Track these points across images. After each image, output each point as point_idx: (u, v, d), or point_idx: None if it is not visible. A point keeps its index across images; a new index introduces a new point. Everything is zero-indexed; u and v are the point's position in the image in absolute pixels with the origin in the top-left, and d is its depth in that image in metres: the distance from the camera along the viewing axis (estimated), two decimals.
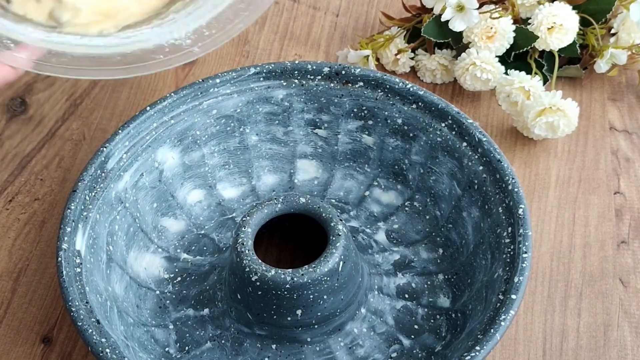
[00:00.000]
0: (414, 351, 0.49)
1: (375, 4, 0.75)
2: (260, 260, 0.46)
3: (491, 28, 0.63)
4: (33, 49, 0.45)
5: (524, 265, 0.45)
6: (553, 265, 0.55)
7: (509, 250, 0.47)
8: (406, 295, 0.51)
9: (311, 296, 0.45)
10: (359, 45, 0.68)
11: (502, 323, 0.43)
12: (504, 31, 0.63)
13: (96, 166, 0.51)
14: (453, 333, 0.49)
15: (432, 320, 0.50)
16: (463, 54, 0.64)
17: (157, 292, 0.52)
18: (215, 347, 0.49)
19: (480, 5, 0.64)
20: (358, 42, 0.69)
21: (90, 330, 0.43)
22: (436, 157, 0.55)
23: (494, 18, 0.63)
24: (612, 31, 0.66)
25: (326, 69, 0.56)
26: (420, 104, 0.55)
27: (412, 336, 0.50)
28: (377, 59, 0.69)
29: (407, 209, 0.56)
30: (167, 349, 0.49)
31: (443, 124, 0.54)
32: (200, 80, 0.56)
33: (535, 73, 0.64)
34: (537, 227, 0.57)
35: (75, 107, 0.68)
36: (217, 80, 0.56)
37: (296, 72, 0.56)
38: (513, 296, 0.44)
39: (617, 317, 0.52)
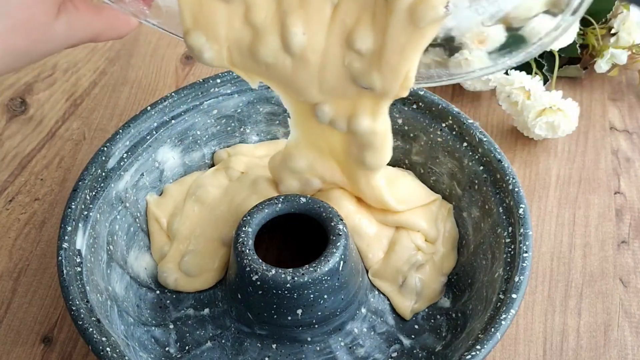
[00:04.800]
0: (414, 351, 0.49)
1: None
2: (260, 260, 0.46)
3: (482, 32, 0.63)
4: None
5: (524, 264, 0.45)
6: (553, 265, 0.55)
7: (510, 250, 0.47)
8: None
9: (312, 296, 0.45)
10: None
11: (503, 322, 0.43)
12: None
13: (97, 166, 0.51)
14: (453, 333, 0.49)
15: (432, 320, 0.50)
16: (456, 54, 0.64)
17: (157, 292, 0.52)
18: (215, 347, 0.49)
19: None
20: None
21: (91, 330, 0.43)
22: (436, 157, 0.55)
23: None
24: (612, 31, 0.66)
25: None
26: (420, 104, 0.55)
27: (413, 336, 0.50)
28: None
29: None
30: (167, 349, 0.49)
31: (443, 124, 0.54)
32: (201, 80, 0.56)
33: (536, 73, 0.64)
34: (537, 227, 0.57)
35: (76, 107, 0.68)
36: (218, 80, 0.56)
37: None
38: (514, 295, 0.44)
39: (618, 317, 0.52)
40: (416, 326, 0.50)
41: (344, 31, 0.41)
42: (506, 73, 0.63)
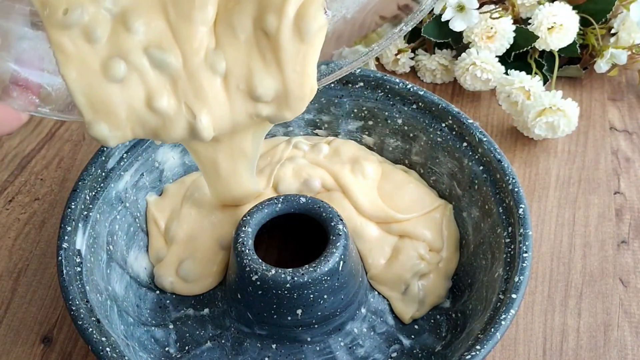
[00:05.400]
0: (414, 351, 0.49)
1: None
2: (260, 260, 0.46)
3: (491, 28, 0.63)
4: (34, 87, 0.42)
5: (524, 264, 0.45)
6: (553, 265, 0.55)
7: (509, 250, 0.47)
8: None
9: (311, 296, 0.45)
10: (353, 44, 0.68)
11: (503, 322, 0.43)
12: (504, 31, 0.63)
13: (96, 166, 0.51)
14: (453, 333, 0.49)
15: (432, 320, 0.50)
16: (463, 54, 0.64)
17: (157, 292, 0.52)
18: (215, 347, 0.49)
19: (481, 5, 0.64)
20: (353, 41, 0.69)
21: (91, 329, 0.43)
22: (436, 157, 0.55)
23: (494, 18, 0.63)
24: (612, 31, 0.66)
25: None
26: (420, 104, 0.55)
27: (412, 336, 0.50)
28: (377, 59, 0.69)
29: None
30: (167, 349, 0.49)
31: (443, 124, 0.54)
32: None
33: (535, 73, 0.64)
34: (537, 227, 0.57)
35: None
36: None
37: None
38: (513, 295, 0.44)
39: (617, 317, 0.52)
40: (416, 326, 0.50)
41: (245, 94, 0.41)
42: (506, 73, 0.63)
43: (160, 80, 0.40)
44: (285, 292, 0.45)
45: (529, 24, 0.64)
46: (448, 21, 0.63)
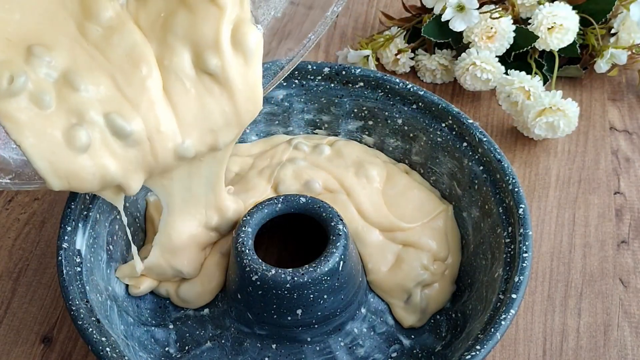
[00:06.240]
0: (414, 351, 0.49)
1: (375, 3, 0.75)
2: (260, 260, 0.46)
3: (491, 28, 0.63)
4: None
5: (524, 265, 0.45)
6: (553, 265, 0.55)
7: (509, 250, 0.47)
8: None
9: (311, 296, 0.45)
10: (358, 45, 0.68)
11: (503, 322, 0.43)
12: (504, 31, 0.63)
13: None
14: (453, 333, 0.49)
15: (432, 320, 0.50)
16: (463, 54, 0.64)
17: None
18: (215, 347, 0.49)
19: (481, 5, 0.64)
20: (358, 42, 0.69)
21: (91, 329, 0.43)
22: (436, 157, 0.55)
23: (494, 18, 0.63)
24: (612, 31, 0.66)
25: (326, 69, 0.56)
26: (420, 104, 0.55)
27: (412, 336, 0.50)
28: (377, 59, 0.69)
29: None
30: (167, 349, 0.49)
31: (443, 124, 0.54)
32: None
33: (535, 73, 0.64)
34: (537, 227, 0.57)
35: None
36: None
37: (296, 72, 0.56)
38: (513, 296, 0.44)
39: (617, 317, 0.52)
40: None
41: (209, 153, 0.44)
42: (506, 73, 0.63)
43: (130, 157, 0.40)
44: (285, 292, 0.45)
45: (529, 24, 0.64)
46: (448, 21, 0.63)
